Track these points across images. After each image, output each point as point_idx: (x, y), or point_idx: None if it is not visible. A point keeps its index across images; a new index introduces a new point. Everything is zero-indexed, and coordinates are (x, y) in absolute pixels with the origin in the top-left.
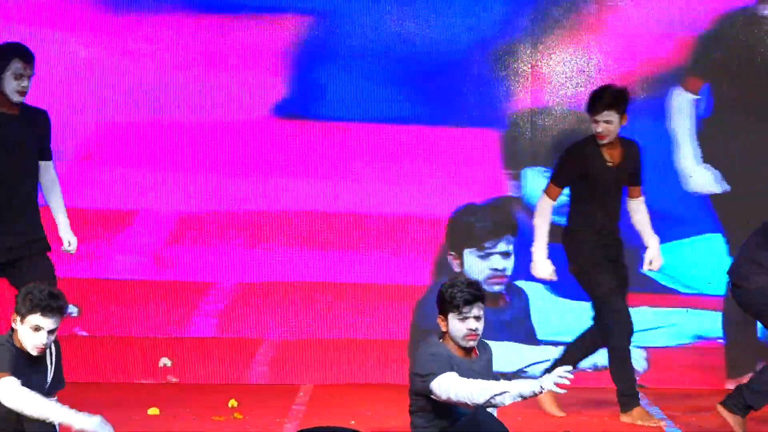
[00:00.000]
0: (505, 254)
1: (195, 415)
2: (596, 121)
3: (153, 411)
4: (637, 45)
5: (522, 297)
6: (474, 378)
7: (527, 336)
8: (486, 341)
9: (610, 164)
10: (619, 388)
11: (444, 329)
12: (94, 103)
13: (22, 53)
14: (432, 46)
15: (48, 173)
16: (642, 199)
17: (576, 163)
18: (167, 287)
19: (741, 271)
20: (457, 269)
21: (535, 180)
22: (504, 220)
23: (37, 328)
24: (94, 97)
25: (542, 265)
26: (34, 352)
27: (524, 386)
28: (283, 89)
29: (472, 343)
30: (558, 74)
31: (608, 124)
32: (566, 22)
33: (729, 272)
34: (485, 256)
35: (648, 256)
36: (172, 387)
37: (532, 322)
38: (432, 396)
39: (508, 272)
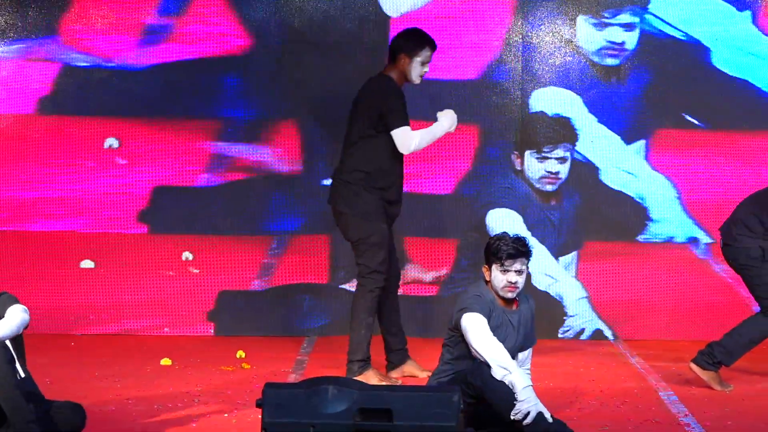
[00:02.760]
0: (562, 159)
1: (205, 365)
2: None
3: (165, 361)
4: None
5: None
6: (508, 328)
7: None
8: (530, 295)
9: None
10: None
11: (487, 278)
12: None
13: (434, 43)
14: None
15: None
16: None
17: None
18: None
19: (732, 232)
20: (518, 167)
21: None
22: (565, 130)
23: None
24: None
25: None
26: None
27: (519, 380)
28: None
29: (510, 295)
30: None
31: None
32: None
33: (720, 230)
34: (542, 159)
35: None
36: (183, 339)
37: None
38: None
39: (562, 175)
